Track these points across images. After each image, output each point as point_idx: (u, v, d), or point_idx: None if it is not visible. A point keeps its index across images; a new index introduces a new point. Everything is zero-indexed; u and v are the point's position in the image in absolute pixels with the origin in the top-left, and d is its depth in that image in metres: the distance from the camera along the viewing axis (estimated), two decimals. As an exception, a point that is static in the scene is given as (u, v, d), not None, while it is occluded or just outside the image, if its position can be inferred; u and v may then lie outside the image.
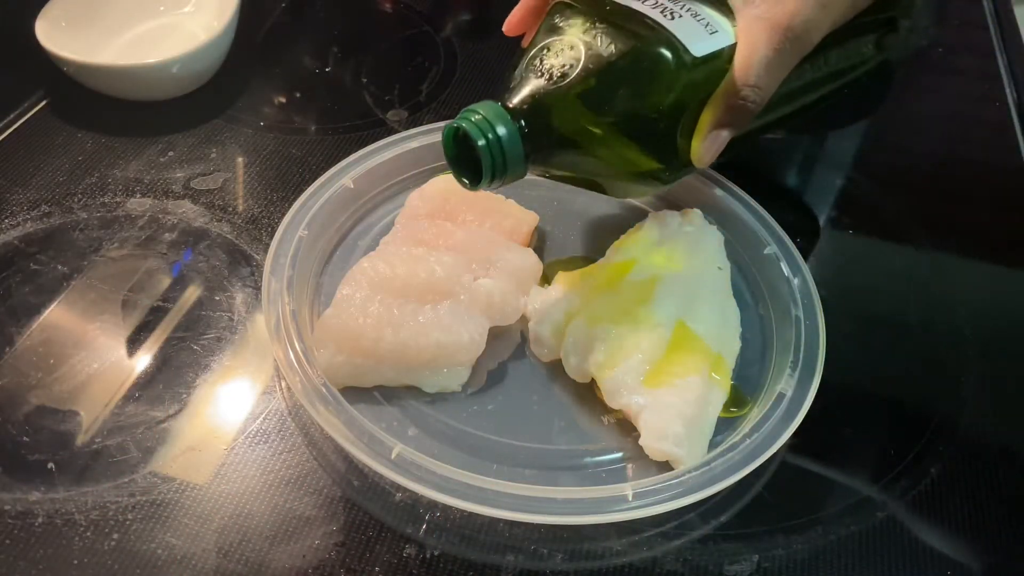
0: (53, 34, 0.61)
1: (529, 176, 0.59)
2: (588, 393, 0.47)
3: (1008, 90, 0.73)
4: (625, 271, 0.49)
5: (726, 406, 0.45)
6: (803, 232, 0.59)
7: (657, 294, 0.47)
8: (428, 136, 0.58)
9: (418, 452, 0.41)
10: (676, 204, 0.58)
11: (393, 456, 0.41)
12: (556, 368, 0.48)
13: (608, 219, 0.57)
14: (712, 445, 0.44)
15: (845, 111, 0.72)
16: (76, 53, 0.60)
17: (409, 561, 0.40)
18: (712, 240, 0.52)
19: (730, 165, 0.64)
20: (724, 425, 0.45)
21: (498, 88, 0.43)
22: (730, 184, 0.56)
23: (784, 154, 0.66)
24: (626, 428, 0.45)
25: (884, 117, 0.73)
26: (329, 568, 0.40)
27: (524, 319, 0.49)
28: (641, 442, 0.43)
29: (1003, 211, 0.63)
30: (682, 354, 0.45)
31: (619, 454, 0.44)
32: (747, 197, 0.56)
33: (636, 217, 0.57)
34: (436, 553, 0.40)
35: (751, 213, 0.55)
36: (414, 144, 0.58)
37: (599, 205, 0.58)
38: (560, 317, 0.47)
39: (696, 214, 0.54)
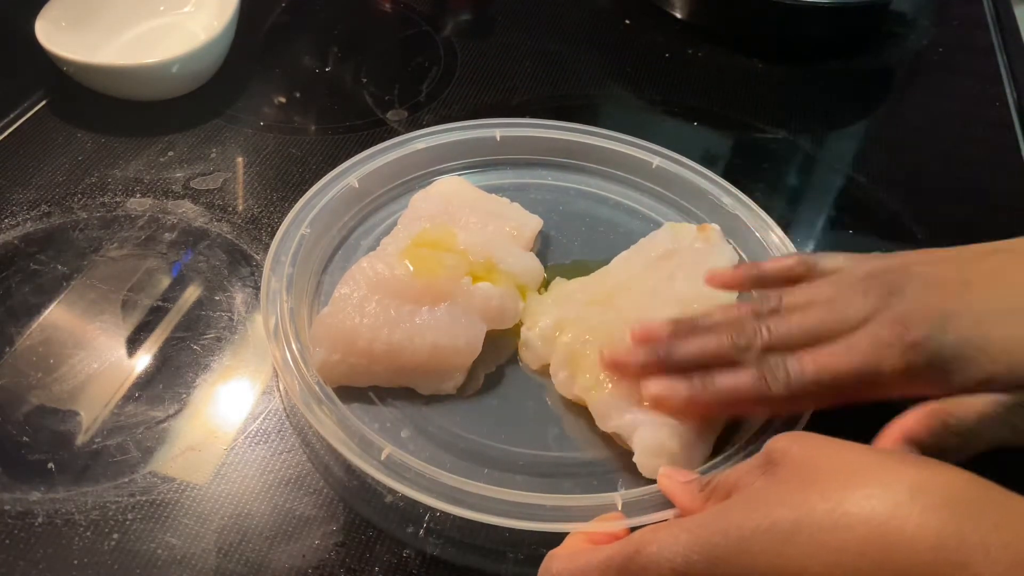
0: (53, 34, 0.61)
1: (534, 180, 0.60)
2: (584, 398, 0.46)
3: (1008, 90, 0.73)
4: (627, 286, 0.48)
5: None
6: (803, 232, 0.59)
7: (651, 314, 0.45)
8: (434, 138, 0.58)
9: (409, 455, 0.41)
10: (693, 216, 0.57)
11: (383, 458, 0.41)
12: (550, 375, 0.47)
13: (612, 225, 0.57)
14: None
15: (845, 111, 0.72)
16: (76, 53, 0.60)
17: (409, 561, 0.40)
18: (724, 261, 0.50)
19: (730, 165, 0.64)
20: (722, 432, 0.44)
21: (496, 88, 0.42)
22: (734, 189, 0.56)
23: (784, 154, 0.66)
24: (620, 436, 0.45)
25: (884, 117, 0.73)
26: (329, 568, 0.40)
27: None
28: (635, 459, 0.42)
29: (1003, 211, 0.63)
30: None
31: (612, 462, 0.44)
32: (750, 201, 0.55)
33: (638, 224, 0.57)
34: (435, 553, 0.40)
35: (753, 217, 0.54)
36: (420, 145, 0.57)
37: (603, 211, 0.58)
38: (551, 324, 0.46)
39: (714, 231, 0.51)
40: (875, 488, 0.27)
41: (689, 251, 0.50)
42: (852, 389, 0.38)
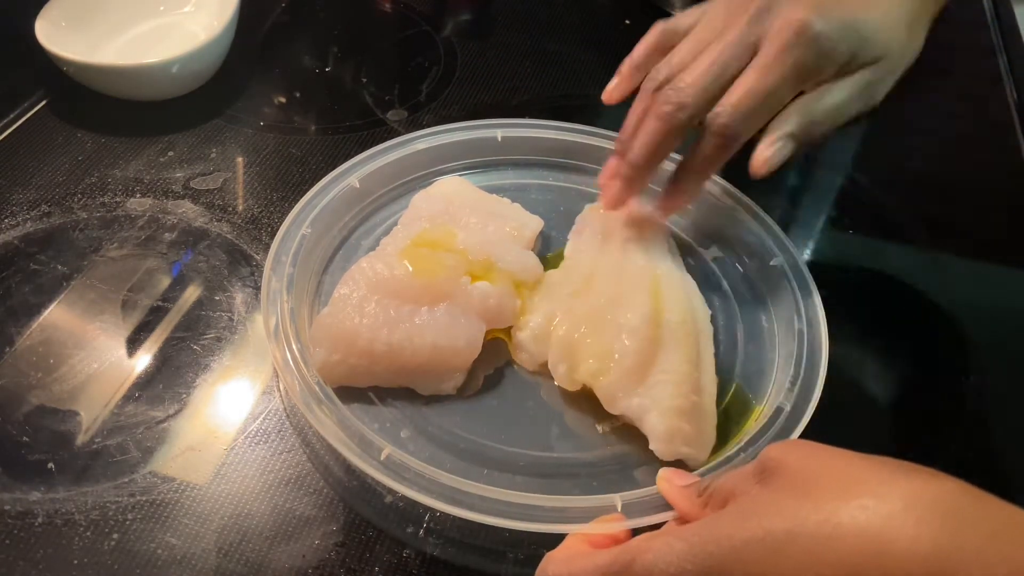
0: (53, 34, 0.61)
1: (536, 180, 0.60)
2: (583, 400, 0.46)
3: (1008, 90, 0.73)
4: (597, 272, 0.49)
5: (729, 416, 0.45)
6: (803, 232, 0.59)
7: (629, 290, 0.47)
8: (435, 138, 0.58)
9: (409, 455, 0.41)
10: (693, 215, 0.57)
11: (382, 458, 0.41)
12: (549, 374, 0.47)
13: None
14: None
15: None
16: (76, 53, 0.60)
17: (409, 561, 0.40)
18: (641, 210, 0.52)
19: (730, 165, 0.64)
20: (719, 437, 0.44)
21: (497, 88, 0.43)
22: (739, 193, 0.56)
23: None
24: (621, 436, 0.45)
25: (884, 117, 0.72)
26: (329, 568, 0.40)
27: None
28: (652, 447, 0.42)
29: (1003, 211, 0.63)
30: (668, 348, 0.44)
31: (612, 463, 0.44)
32: (756, 207, 0.55)
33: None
34: (435, 553, 0.40)
35: (759, 223, 0.54)
36: (421, 146, 0.57)
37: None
38: (541, 322, 0.47)
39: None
40: (868, 499, 0.27)
41: (616, 223, 0.52)
42: (780, 100, 0.43)
